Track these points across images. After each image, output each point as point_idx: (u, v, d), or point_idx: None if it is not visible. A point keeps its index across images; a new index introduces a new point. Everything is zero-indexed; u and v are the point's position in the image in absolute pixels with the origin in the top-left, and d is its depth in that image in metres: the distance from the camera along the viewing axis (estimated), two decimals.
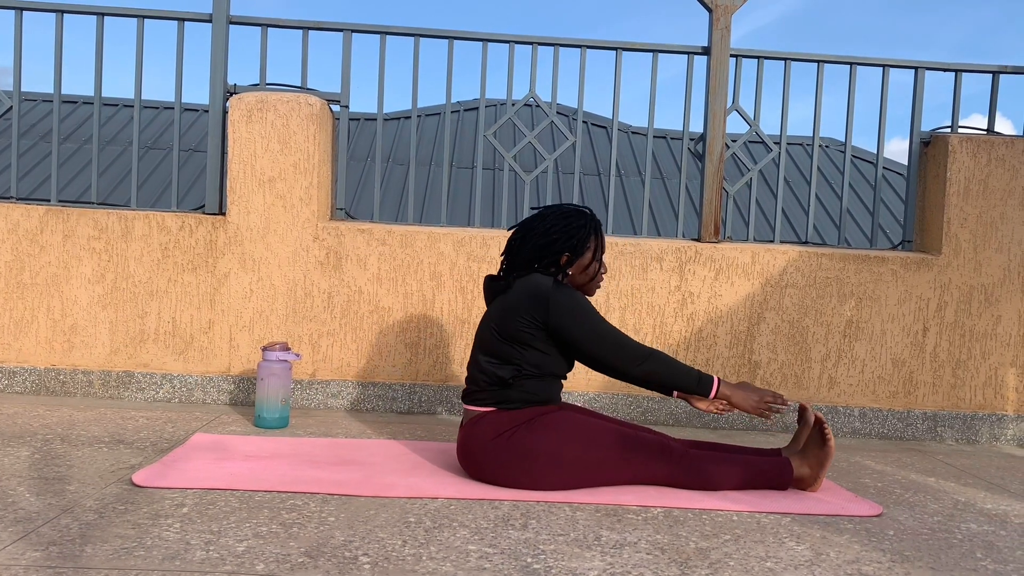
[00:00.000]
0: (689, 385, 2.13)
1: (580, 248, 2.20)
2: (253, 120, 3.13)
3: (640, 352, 2.12)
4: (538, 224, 2.21)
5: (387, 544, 1.65)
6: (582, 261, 2.22)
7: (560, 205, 2.26)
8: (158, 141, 8.73)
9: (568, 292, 2.12)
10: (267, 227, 3.13)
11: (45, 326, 3.14)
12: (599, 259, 2.25)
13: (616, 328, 2.16)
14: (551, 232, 2.19)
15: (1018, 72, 3.33)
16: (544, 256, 2.18)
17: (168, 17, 3.20)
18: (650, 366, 2.12)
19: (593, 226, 2.24)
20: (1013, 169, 3.23)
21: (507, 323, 2.13)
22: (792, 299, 3.20)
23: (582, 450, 2.10)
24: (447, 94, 3.31)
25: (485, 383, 2.16)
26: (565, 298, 2.10)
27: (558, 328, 2.10)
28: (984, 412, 3.24)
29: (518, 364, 2.13)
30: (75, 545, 1.55)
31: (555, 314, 2.09)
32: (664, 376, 2.13)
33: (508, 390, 2.13)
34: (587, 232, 2.22)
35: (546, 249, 2.18)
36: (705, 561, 1.64)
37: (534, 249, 2.18)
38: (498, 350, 2.15)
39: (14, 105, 3.23)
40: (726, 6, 3.24)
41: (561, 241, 2.18)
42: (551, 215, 2.23)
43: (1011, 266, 3.23)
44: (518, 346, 2.13)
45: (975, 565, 1.71)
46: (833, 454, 2.19)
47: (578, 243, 2.20)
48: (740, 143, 3.36)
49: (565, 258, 2.19)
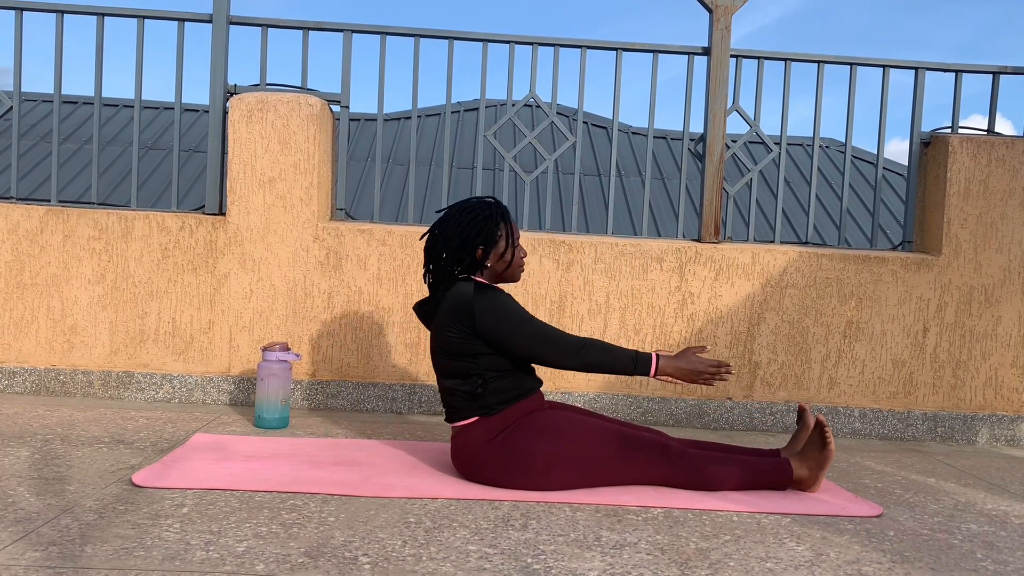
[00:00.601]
0: (627, 368, 2.11)
1: (492, 238, 2.18)
2: (253, 120, 3.13)
3: (574, 344, 2.10)
4: (445, 226, 2.20)
5: (387, 544, 1.65)
6: (497, 250, 2.20)
7: (463, 201, 2.25)
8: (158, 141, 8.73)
9: (491, 296, 2.10)
10: (267, 227, 3.13)
11: (45, 326, 3.14)
12: (513, 245, 2.23)
13: (546, 323, 2.15)
14: (460, 230, 2.17)
15: (1018, 73, 3.33)
16: (460, 255, 2.17)
17: (168, 17, 3.20)
18: (587, 356, 2.10)
19: (500, 213, 2.22)
20: (1013, 170, 3.23)
21: (447, 341, 2.12)
22: (792, 299, 3.20)
23: (580, 449, 2.10)
24: (447, 94, 3.32)
25: (458, 401, 2.15)
26: (489, 302, 2.09)
27: (487, 334, 2.09)
28: (984, 413, 3.24)
29: (478, 374, 2.12)
30: (75, 545, 1.55)
31: (481, 321, 2.08)
32: (602, 363, 2.11)
33: (482, 398, 2.11)
34: (495, 220, 2.20)
35: (460, 248, 2.16)
36: (705, 562, 1.64)
37: (449, 251, 2.17)
38: (454, 369, 2.14)
39: (14, 105, 3.23)
40: (726, 6, 3.24)
41: (472, 235, 2.17)
42: (456, 213, 2.21)
43: (1011, 267, 3.23)
44: (469, 359, 2.11)
45: (975, 566, 1.71)
46: (833, 457, 2.19)
47: (489, 234, 2.18)
48: (740, 143, 3.36)
49: (480, 251, 2.18)
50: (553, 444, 2.08)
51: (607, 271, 3.17)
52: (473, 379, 2.12)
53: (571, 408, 2.30)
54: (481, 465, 2.11)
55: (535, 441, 2.08)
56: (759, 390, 3.20)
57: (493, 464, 2.09)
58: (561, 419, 2.13)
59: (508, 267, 2.23)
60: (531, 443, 2.08)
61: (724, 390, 3.20)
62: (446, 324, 2.12)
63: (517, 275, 2.27)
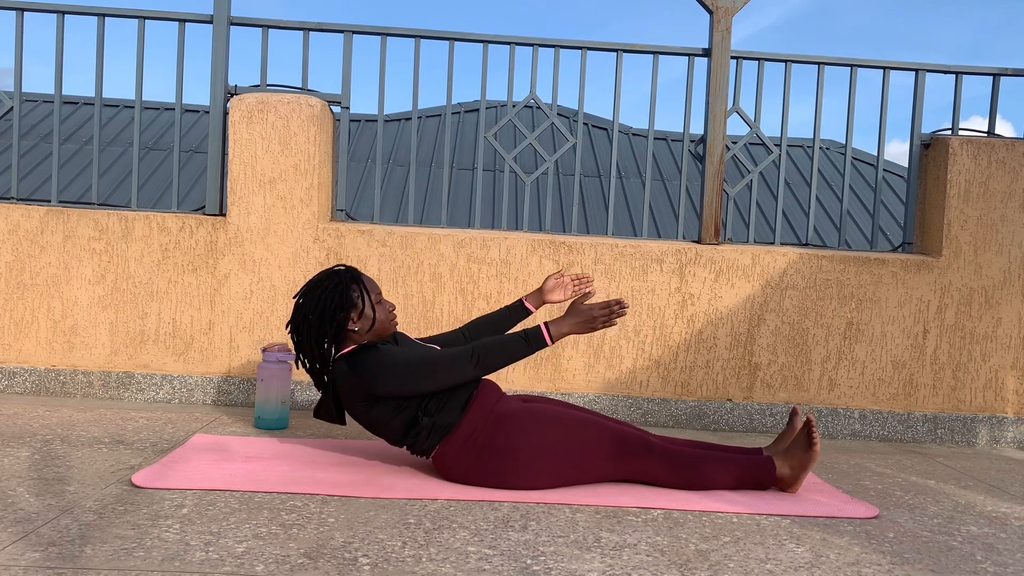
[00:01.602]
0: (524, 350, 2.12)
1: (348, 303, 2.16)
2: (254, 121, 3.13)
3: (465, 356, 2.10)
4: (301, 313, 2.18)
5: (387, 545, 1.65)
6: (356, 312, 2.17)
7: (310, 280, 2.23)
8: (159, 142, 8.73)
9: (362, 361, 2.10)
10: (267, 228, 3.13)
11: (45, 327, 3.14)
12: (373, 301, 2.19)
13: (430, 349, 2.14)
14: (315, 307, 2.15)
15: (1018, 75, 3.33)
16: (323, 331, 2.15)
17: (169, 18, 3.20)
18: (483, 360, 2.10)
19: (349, 277, 2.19)
20: (1013, 171, 3.23)
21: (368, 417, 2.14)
22: (792, 301, 3.20)
23: (562, 440, 2.11)
24: (448, 95, 3.32)
25: (410, 441, 2.14)
26: (371, 367, 2.09)
27: (389, 394, 2.09)
28: (984, 414, 3.24)
29: (410, 406, 2.11)
30: (75, 546, 1.55)
31: (377, 388, 2.08)
32: (501, 360, 2.11)
33: (433, 421, 2.11)
34: (345, 285, 2.17)
35: (320, 324, 2.14)
36: (705, 563, 1.64)
37: (312, 332, 2.15)
38: (387, 420, 2.13)
39: (15, 106, 3.24)
40: (727, 8, 3.24)
41: (328, 309, 2.14)
42: (306, 294, 2.20)
43: (1011, 268, 3.23)
44: (391, 402, 2.11)
45: (975, 567, 1.71)
46: (817, 458, 2.18)
47: (344, 300, 2.15)
48: (741, 145, 3.36)
49: (351, 320, 2.16)
50: (534, 437, 2.09)
51: (607, 272, 3.17)
52: (409, 412, 2.11)
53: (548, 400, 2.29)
54: (470, 474, 2.11)
55: (515, 436, 2.08)
56: (759, 391, 3.20)
57: (480, 469, 2.10)
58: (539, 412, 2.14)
59: (374, 324, 2.19)
60: (511, 439, 2.08)
61: (723, 391, 3.20)
62: (354, 407, 2.14)
63: (390, 328, 2.24)
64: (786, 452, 2.23)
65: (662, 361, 3.18)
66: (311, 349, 2.18)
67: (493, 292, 3.16)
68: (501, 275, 3.16)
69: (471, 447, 2.09)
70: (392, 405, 2.11)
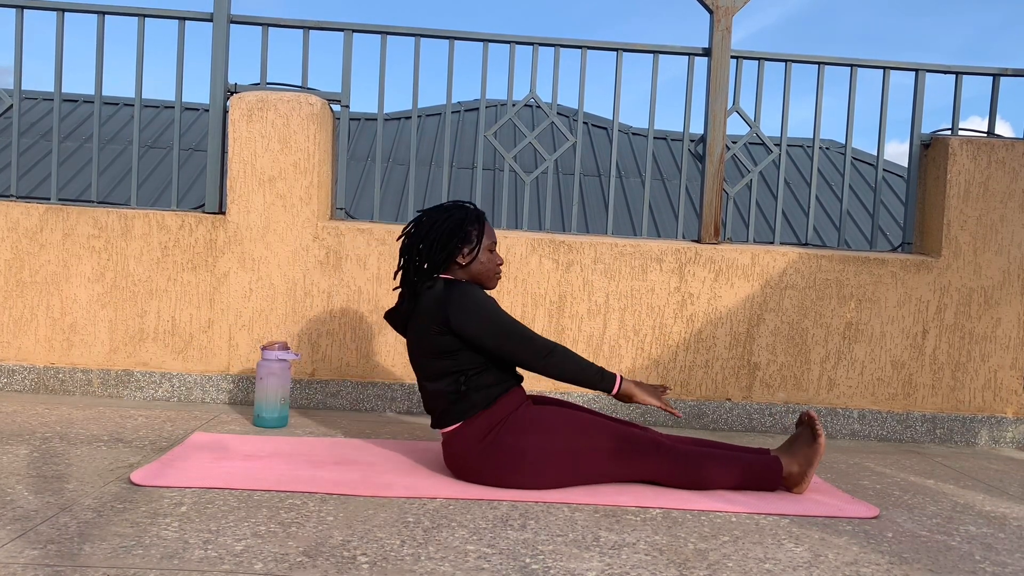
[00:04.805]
0: (592, 380, 2.14)
1: (467, 239, 2.20)
2: (253, 119, 3.13)
3: (545, 346, 2.12)
4: (421, 226, 2.21)
5: (386, 544, 1.65)
6: (472, 252, 2.20)
7: (437, 205, 2.26)
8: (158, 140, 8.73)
9: (464, 290, 2.11)
10: (267, 226, 3.13)
11: (44, 324, 3.14)
12: (488, 248, 2.24)
13: (519, 322, 2.16)
14: (435, 229, 2.18)
15: (1018, 75, 3.34)
16: (433, 254, 2.17)
17: (169, 16, 3.20)
18: (555, 359, 2.11)
19: (475, 216, 2.23)
20: (1013, 172, 3.23)
21: (425, 340, 2.13)
22: (792, 301, 3.20)
23: (570, 442, 2.10)
24: (448, 94, 3.31)
25: (443, 403, 2.15)
26: (462, 297, 2.10)
27: (460, 328, 2.09)
28: (983, 414, 3.24)
29: (458, 372, 2.12)
30: (73, 543, 1.55)
31: (455, 316, 2.08)
32: (569, 371, 2.13)
33: (466, 398, 2.12)
34: (470, 223, 2.21)
35: (434, 246, 2.17)
36: (704, 562, 1.64)
37: (424, 250, 2.18)
38: (436, 369, 2.14)
39: (14, 103, 3.23)
40: (727, 7, 3.24)
41: (446, 235, 2.17)
42: (431, 213, 2.23)
43: (1011, 268, 3.23)
44: (448, 357, 2.12)
45: (974, 567, 1.71)
46: (823, 452, 2.17)
47: (463, 234, 2.19)
48: (740, 144, 3.36)
49: (456, 248, 2.19)
50: (543, 438, 2.09)
51: (607, 271, 3.17)
52: (455, 377, 2.12)
53: (557, 402, 2.30)
54: (474, 467, 2.11)
55: (524, 436, 2.08)
56: (758, 391, 3.21)
57: (486, 465, 2.09)
58: (549, 413, 2.14)
59: (477, 266, 2.22)
60: (520, 439, 2.08)
61: (722, 391, 3.20)
62: (423, 324, 2.13)
63: (492, 281, 2.27)
64: (791, 450, 2.22)
65: (661, 360, 3.19)
66: (415, 258, 2.20)
67: (492, 291, 3.15)
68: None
69: (482, 441, 2.09)
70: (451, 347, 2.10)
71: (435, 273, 2.19)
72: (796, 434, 2.27)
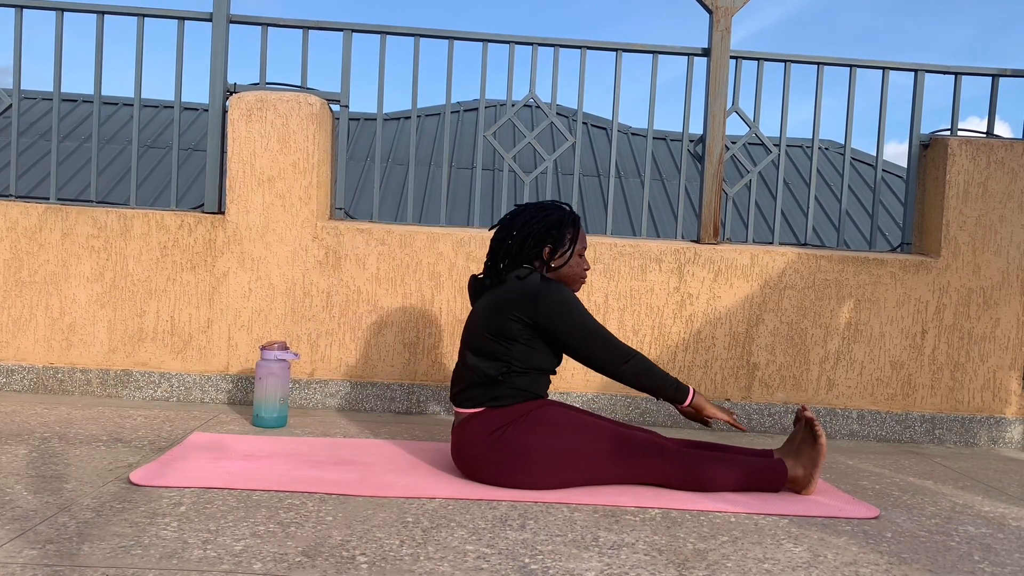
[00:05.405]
0: (667, 391, 2.19)
1: (561, 240, 2.24)
2: (253, 119, 3.13)
3: (625, 351, 2.16)
4: (518, 219, 2.25)
5: (385, 544, 1.65)
6: (565, 253, 2.24)
7: (538, 201, 2.29)
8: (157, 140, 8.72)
9: (556, 287, 2.15)
10: (266, 226, 3.13)
11: (43, 324, 3.14)
12: (579, 253, 2.28)
13: (603, 326, 2.19)
14: (532, 225, 2.22)
15: (1017, 75, 3.34)
16: (527, 249, 2.21)
17: (168, 16, 3.20)
18: (634, 366, 2.16)
19: (571, 220, 2.28)
20: (1012, 172, 3.23)
21: (496, 320, 2.15)
22: (791, 301, 3.20)
23: (576, 445, 2.11)
24: (447, 94, 3.31)
25: (473, 381, 2.17)
26: (554, 293, 2.13)
27: (547, 323, 2.12)
28: (982, 415, 3.24)
29: (506, 360, 2.14)
30: (72, 543, 1.55)
31: (544, 309, 2.12)
32: (646, 379, 2.17)
33: (497, 387, 2.14)
34: (566, 225, 2.26)
35: (528, 241, 2.21)
36: (703, 562, 1.64)
37: (518, 242, 2.21)
38: (487, 348, 2.16)
39: (14, 103, 3.23)
40: (726, 8, 3.24)
41: (542, 233, 2.22)
42: (530, 209, 2.27)
43: (1010, 269, 3.23)
44: (506, 342, 2.14)
45: (973, 568, 1.71)
46: (825, 452, 2.18)
47: (559, 236, 2.24)
48: (740, 145, 3.36)
49: (548, 250, 2.23)
50: (549, 438, 2.09)
51: (606, 271, 3.17)
52: (500, 363, 2.15)
53: (564, 405, 2.31)
54: (480, 461, 2.12)
55: (531, 435, 2.09)
56: (757, 391, 3.21)
57: (491, 459, 2.10)
58: (556, 414, 2.15)
59: (563, 268, 2.26)
60: (527, 437, 2.09)
61: (721, 391, 3.20)
62: (503, 305, 2.15)
63: (576, 285, 2.31)
64: (796, 453, 2.24)
65: (660, 361, 3.19)
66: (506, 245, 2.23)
67: None
68: None
69: (490, 436, 2.10)
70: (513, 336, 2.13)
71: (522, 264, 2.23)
72: (795, 434, 2.27)
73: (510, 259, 2.23)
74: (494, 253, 2.27)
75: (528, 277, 2.17)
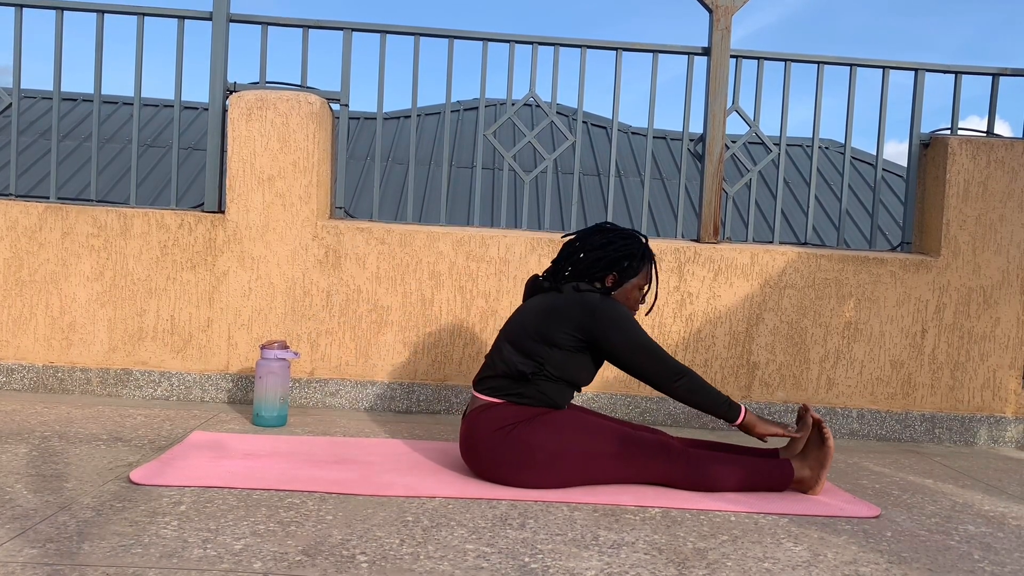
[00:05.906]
0: (720, 408, 2.19)
1: (630, 272, 2.27)
2: (253, 118, 3.13)
3: (678, 369, 2.18)
4: (595, 238, 2.28)
5: (385, 543, 1.65)
6: (627, 285, 2.28)
7: (620, 227, 2.32)
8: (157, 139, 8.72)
9: (613, 304, 2.18)
10: (266, 225, 3.13)
11: (43, 323, 3.14)
12: (639, 287, 2.30)
13: (657, 344, 2.21)
14: (607, 249, 2.25)
15: (1017, 75, 3.34)
16: (594, 271, 2.24)
17: (168, 15, 3.20)
18: (686, 383, 2.17)
19: (645, 253, 2.30)
20: (1012, 171, 3.23)
21: (545, 324, 2.16)
22: (791, 300, 3.20)
23: (582, 446, 2.12)
24: (447, 93, 3.31)
25: (503, 372, 2.18)
26: (610, 310, 2.16)
27: (603, 338, 2.15)
28: (982, 414, 3.24)
29: (541, 363, 2.16)
30: (72, 542, 1.55)
31: (601, 324, 2.14)
32: (697, 397, 2.18)
33: (523, 386, 2.16)
34: (641, 259, 2.28)
35: (598, 264, 2.24)
36: (703, 561, 1.64)
37: (587, 262, 2.24)
38: (527, 346, 2.17)
39: (13, 102, 3.23)
40: (726, 7, 3.24)
41: (613, 261, 2.25)
42: (610, 233, 2.29)
43: (1010, 268, 3.23)
44: (548, 346, 2.16)
45: (972, 567, 1.71)
46: (832, 454, 2.20)
47: (629, 266, 2.26)
48: (740, 144, 3.36)
49: (613, 278, 2.26)
50: (556, 439, 2.10)
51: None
52: (534, 364, 2.16)
53: (574, 407, 2.32)
54: (487, 455, 2.13)
55: (538, 435, 2.09)
56: (757, 390, 3.21)
57: (497, 455, 2.10)
58: (560, 415, 2.15)
59: (620, 297, 2.29)
60: (534, 437, 2.09)
61: (721, 390, 3.20)
62: (560, 313, 2.17)
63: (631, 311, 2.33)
64: (802, 454, 2.25)
65: None
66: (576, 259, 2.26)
67: (492, 290, 3.16)
68: (500, 273, 3.16)
69: (500, 431, 2.11)
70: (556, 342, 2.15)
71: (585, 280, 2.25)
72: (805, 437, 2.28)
73: (574, 272, 2.25)
74: (561, 261, 2.29)
75: (587, 292, 2.19)
